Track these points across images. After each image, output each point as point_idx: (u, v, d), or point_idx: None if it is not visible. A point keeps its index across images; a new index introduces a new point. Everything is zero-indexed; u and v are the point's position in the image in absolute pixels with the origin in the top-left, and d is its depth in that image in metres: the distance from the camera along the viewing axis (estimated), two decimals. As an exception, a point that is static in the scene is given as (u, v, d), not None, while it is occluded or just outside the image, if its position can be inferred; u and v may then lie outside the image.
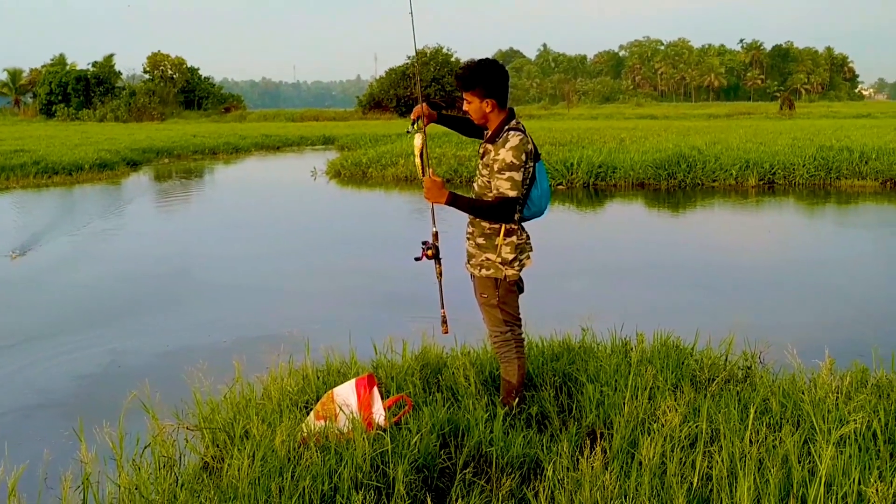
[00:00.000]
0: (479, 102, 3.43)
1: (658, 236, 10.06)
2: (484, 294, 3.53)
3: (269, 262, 8.60)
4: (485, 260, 3.49)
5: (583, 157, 15.77)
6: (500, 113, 3.44)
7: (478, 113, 3.47)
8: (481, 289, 3.54)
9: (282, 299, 6.97)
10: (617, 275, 7.74)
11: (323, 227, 11.03)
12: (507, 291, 3.51)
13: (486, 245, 3.48)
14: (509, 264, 3.45)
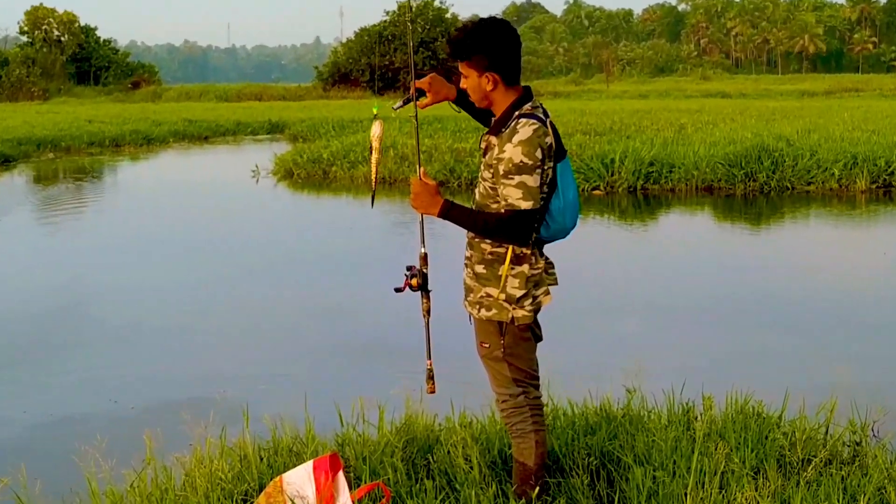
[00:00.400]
0: (478, 77, 3.46)
1: (731, 260, 10.15)
2: (485, 343, 3.55)
3: (193, 295, 8.63)
4: (485, 297, 3.51)
5: (628, 150, 15.94)
6: (509, 92, 3.46)
7: (477, 92, 3.49)
8: (482, 336, 3.56)
9: (211, 347, 6.99)
10: (674, 313, 7.80)
11: (268, 248, 11.09)
12: (516, 339, 3.52)
13: (486, 275, 3.50)
14: (518, 303, 3.47)
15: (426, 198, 3.45)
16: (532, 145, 3.30)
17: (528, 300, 3.48)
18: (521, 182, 3.30)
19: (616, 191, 15.24)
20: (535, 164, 3.30)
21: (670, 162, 15.81)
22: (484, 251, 3.49)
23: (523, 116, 3.38)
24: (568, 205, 3.46)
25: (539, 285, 3.52)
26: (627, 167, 15.41)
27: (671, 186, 15.39)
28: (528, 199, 3.31)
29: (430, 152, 18.06)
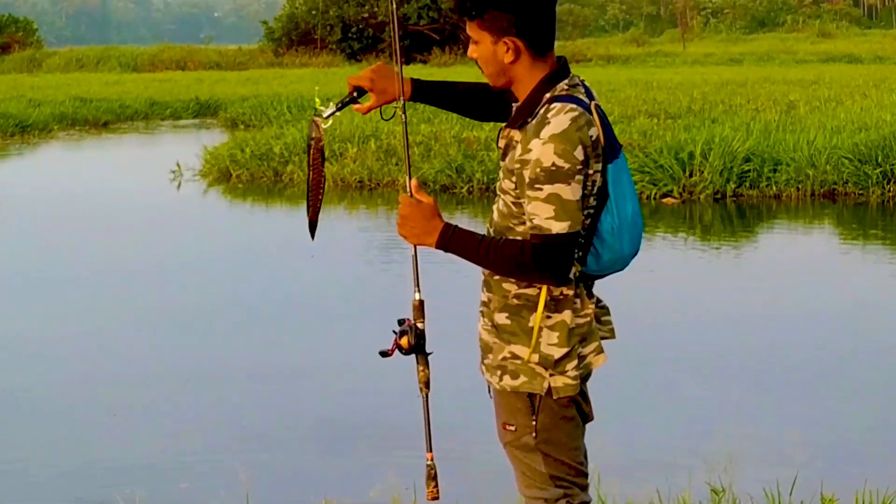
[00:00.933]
0: (493, 44, 3.50)
1: (862, 298, 10.18)
2: (510, 425, 3.57)
3: (87, 352, 8.66)
4: (510, 358, 3.53)
5: (713, 140, 16.02)
6: (537, 66, 3.49)
7: (492, 65, 3.52)
8: (506, 415, 3.58)
9: (113, 428, 7.00)
10: (777, 376, 7.83)
11: (195, 285, 11.12)
12: (555, 419, 3.54)
13: (510, 328, 3.52)
14: (557, 367, 3.49)
15: (419, 222, 3.49)
16: (569, 141, 3.33)
17: (572, 362, 3.50)
18: (553, 194, 3.33)
19: (696, 198, 15.31)
20: (575, 168, 3.32)
21: (774, 157, 15.90)
22: (507, 293, 3.51)
23: (558, 100, 3.41)
24: (625, 223, 3.49)
25: (587, 340, 3.54)
26: (713, 164, 15.48)
27: (775, 192, 15.47)
28: (563, 217, 3.33)
29: (427, 144, 18.16)
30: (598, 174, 3.41)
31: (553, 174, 3.31)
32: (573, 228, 3.33)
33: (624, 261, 3.53)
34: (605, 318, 3.66)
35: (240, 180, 18.25)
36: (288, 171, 18.07)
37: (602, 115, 3.46)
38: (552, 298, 3.45)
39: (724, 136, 16.25)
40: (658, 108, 22.50)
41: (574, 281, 3.46)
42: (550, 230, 3.32)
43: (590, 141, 3.36)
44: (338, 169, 17.49)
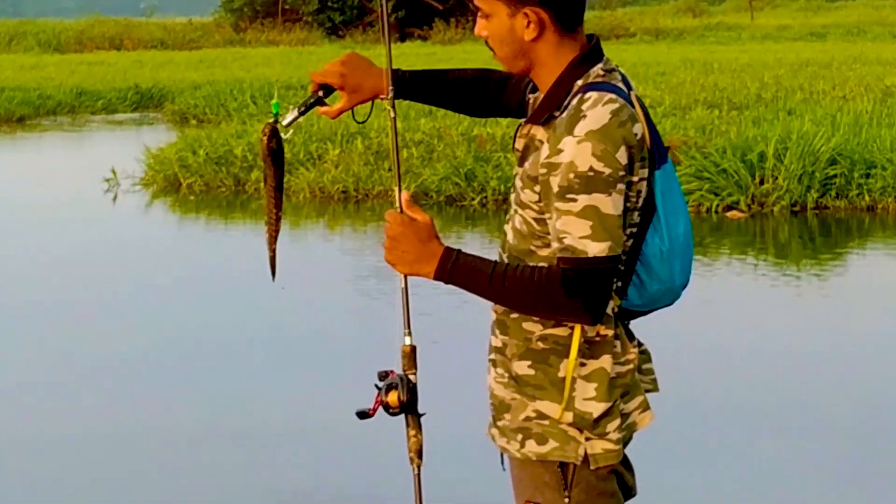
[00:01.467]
0: (510, 17, 3.47)
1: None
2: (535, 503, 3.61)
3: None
4: (534, 417, 3.55)
5: (789, 138, 16.04)
6: (564, 45, 3.48)
7: (508, 45, 3.48)
8: (528, 489, 3.59)
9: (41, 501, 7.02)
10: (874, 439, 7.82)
11: (136, 324, 11.13)
12: (591, 495, 3.55)
13: (534, 379, 3.53)
14: (596, 427, 3.53)
15: (412, 245, 3.47)
16: (611, 139, 3.31)
17: (614, 422, 3.51)
18: (590, 207, 3.30)
19: (768, 211, 15.35)
20: (617, 175, 3.30)
21: (867, 158, 15.90)
22: (530, 335, 3.51)
23: (593, 88, 3.40)
24: (676, 245, 3.49)
25: (631, 393, 3.55)
26: (789, 168, 15.51)
27: (868, 202, 15.48)
28: (602, 237, 3.30)
29: (429, 144, 18.16)
30: (643, 182, 3.40)
31: (591, 181, 3.28)
32: (614, 251, 3.30)
33: (674, 293, 3.54)
34: (647, 367, 3.67)
35: (192, 191, 18.27)
36: (252, 178, 18.00)
37: (644, 108, 3.46)
38: (586, 340, 3.44)
39: (804, 133, 16.25)
40: (720, 96, 22.52)
41: (613, 318, 3.45)
42: (586, 252, 3.29)
43: (634, 140, 3.34)
44: (316, 176, 17.45)
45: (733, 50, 39.82)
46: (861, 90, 22.87)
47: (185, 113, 28.29)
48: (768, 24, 58.07)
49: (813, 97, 22.20)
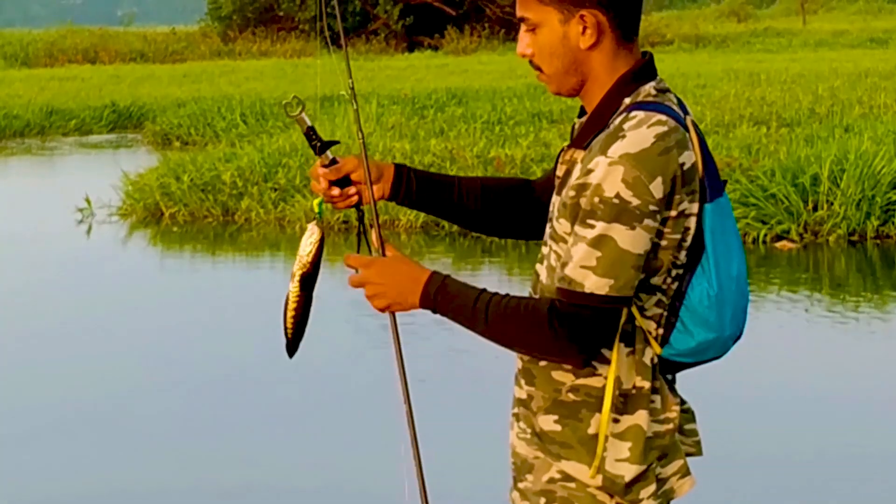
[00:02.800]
0: (562, 25, 3.44)
1: None
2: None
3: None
4: (559, 479, 3.56)
5: (846, 158, 16.05)
6: (621, 56, 3.49)
7: (559, 57, 3.43)
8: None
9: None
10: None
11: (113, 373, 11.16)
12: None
13: (561, 436, 3.53)
14: (626, 493, 3.52)
15: (390, 277, 3.56)
16: (647, 167, 3.30)
17: (649, 487, 3.52)
18: (605, 237, 3.29)
19: (823, 241, 15.36)
20: (646, 209, 3.29)
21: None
22: (560, 387, 3.51)
23: (642, 108, 3.41)
24: (728, 290, 3.47)
25: (669, 456, 3.56)
26: (847, 193, 15.52)
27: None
28: (607, 272, 3.30)
29: (440, 167, 18.16)
30: (691, 219, 3.38)
31: (614, 210, 3.27)
32: (619, 292, 3.29)
33: (723, 343, 3.51)
34: (690, 427, 3.67)
35: (175, 221, 18.32)
36: (243, 207, 18.10)
37: (700, 135, 3.44)
38: (622, 393, 3.44)
39: (863, 152, 16.26)
40: (768, 111, 22.54)
41: (650, 368, 3.46)
42: (583, 285, 3.29)
43: (680, 170, 3.32)
44: (307, 205, 17.42)
45: (783, 59, 39.91)
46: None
47: (168, 134, 28.37)
48: (822, 30, 58.22)
49: (873, 112, 22.22)
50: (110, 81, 40.84)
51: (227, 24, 60.54)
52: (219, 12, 61.84)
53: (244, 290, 14.52)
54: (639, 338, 3.43)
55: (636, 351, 3.44)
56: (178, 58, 55.44)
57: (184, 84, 38.30)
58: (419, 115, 24.34)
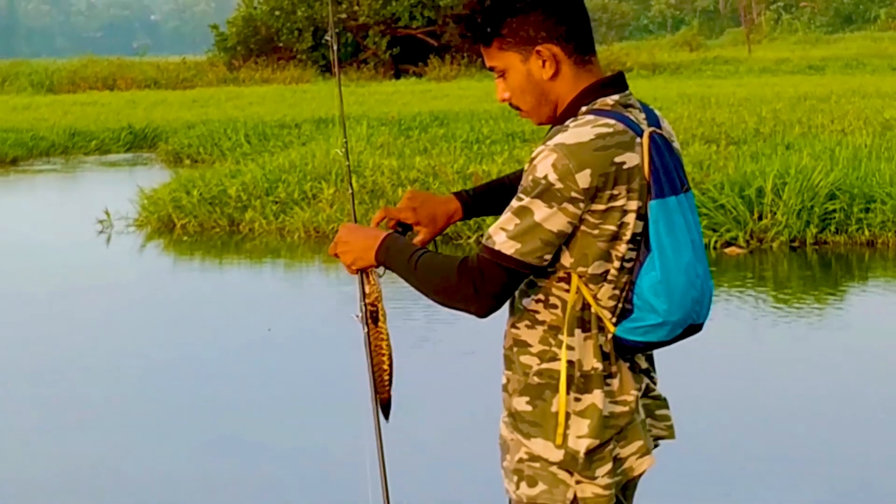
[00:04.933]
0: (524, 63, 3.52)
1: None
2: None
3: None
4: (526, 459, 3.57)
5: (787, 172, 16.08)
6: (582, 76, 3.54)
7: (530, 93, 3.53)
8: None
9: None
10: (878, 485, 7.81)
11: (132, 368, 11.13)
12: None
13: (531, 416, 3.56)
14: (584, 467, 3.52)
15: (358, 240, 3.65)
16: (579, 158, 3.35)
17: (605, 466, 3.53)
18: (525, 208, 3.38)
19: (767, 247, 15.38)
20: (567, 195, 3.35)
21: (866, 192, 15.92)
22: (528, 370, 3.55)
23: (594, 112, 3.46)
24: (675, 278, 3.46)
25: (628, 437, 3.57)
26: (788, 203, 15.54)
27: (868, 237, 15.50)
28: (517, 237, 3.37)
29: (424, 182, 18.19)
30: (631, 215, 3.42)
31: (539, 187, 3.36)
32: (523, 256, 3.36)
33: (671, 329, 3.50)
34: (662, 412, 3.70)
35: (186, 231, 18.29)
36: (247, 218, 18.10)
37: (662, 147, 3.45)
38: (582, 375, 3.47)
39: (803, 167, 16.28)
40: (717, 131, 22.58)
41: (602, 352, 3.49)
42: (494, 243, 3.38)
43: (613, 168, 3.36)
44: (311, 215, 17.49)
45: (731, 84, 39.94)
46: (860, 124, 22.94)
47: (179, 153, 28.31)
48: (766, 58, 58.25)
49: (811, 131, 22.27)
50: (127, 106, 40.70)
51: (233, 54, 60.39)
52: (225, 43, 61.70)
53: (247, 293, 14.54)
54: (594, 324, 3.47)
55: (592, 336, 3.47)
56: (188, 84, 55.24)
57: (193, 108, 38.20)
58: (405, 136, 24.36)
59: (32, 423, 9.50)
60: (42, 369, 11.12)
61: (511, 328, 3.59)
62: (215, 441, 8.98)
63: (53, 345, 12.01)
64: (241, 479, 8.12)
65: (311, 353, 11.30)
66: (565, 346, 3.45)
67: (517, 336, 3.56)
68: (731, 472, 7.89)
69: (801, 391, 9.74)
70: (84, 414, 9.69)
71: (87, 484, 8.15)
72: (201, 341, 12.10)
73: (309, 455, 8.47)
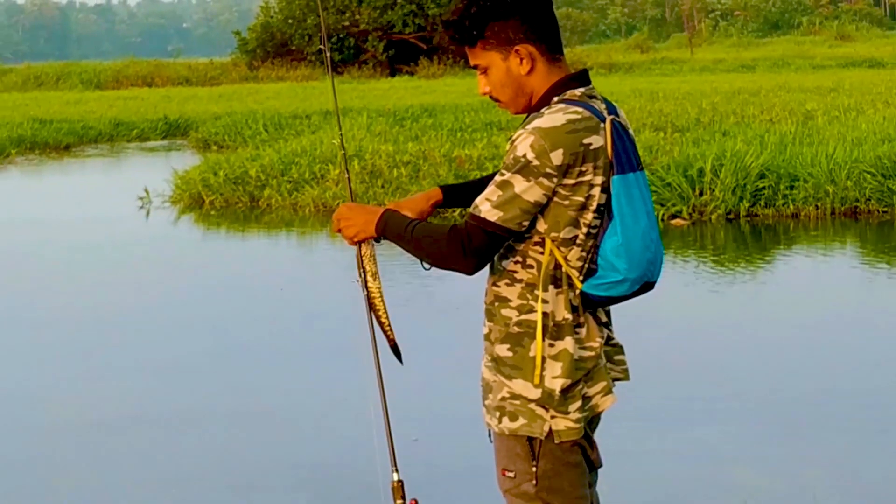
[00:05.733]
0: (504, 60, 3.57)
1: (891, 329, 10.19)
2: (509, 471, 3.60)
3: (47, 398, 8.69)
4: (508, 397, 3.57)
5: (724, 155, 16.07)
6: (553, 72, 3.58)
7: (509, 86, 3.58)
8: (504, 460, 3.62)
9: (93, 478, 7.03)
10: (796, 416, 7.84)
11: (168, 323, 11.13)
12: (556, 466, 3.57)
13: (512, 360, 3.56)
14: (559, 404, 3.53)
15: (358, 215, 3.68)
16: (552, 139, 3.40)
17: (576, 403, 3.54)
18: (506, 182, 3.43)
19: (707, 219, 15.36)
20: (542, 170, 3.40)
21: (791, 172, 15.95)
22: (508, 321, 3.56)
23: (564, 102, 3.51)
24: (633, 242, 3.48)
25: (594, 379, 3.59)
26: (724, 182, 15.55)
27: (793, 210, 15.53)
28: (501, 207, 3.42)
29: (415, 164, 18.20)
30: (597, 188, 3.46)
31: (518, 164, 3.41)
32: (504, 223, 3.41)
33: (630, 285, 3.52)
34: (619, 358, 3.72)
35: (213, 207, 18.27)
36: (265, 195, 18.10)
37: (622, 131, 3.50)
38: (555, 324, 3.50)
39: (737, 151, 16.29)
40: (664, 120, 22.58)
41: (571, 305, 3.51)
42: (480, 211, 3.43)
43: (581, 148, 3.41)
44: (319, 192, 17.53)
45: (675, 81, 39.94)
46: (785, 114, 22.96)
47: (207, 140, 28.24)
48: (705, 58, 58.24)
49: (744, 121, 22.28)
50: (163, 100, 40.63)
51: (253, 56, 60.28)
52: (246, 47, 61.58)
53: (266, 259, 14.55)
54: (565, 281, 3.50)
55: (563, 291, 3.50)
56: (215, 82, 55.10)
57: (219, 102, 38.12)
58: (399, 125, 24.34)
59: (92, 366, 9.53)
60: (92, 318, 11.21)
61: (492, 286, 3.60)
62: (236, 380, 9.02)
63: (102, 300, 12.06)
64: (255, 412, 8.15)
65: (316, 309, 11.32)
66: (540, 300, 3.48)
67: (498, 293, 3.57)
68: (677, 408, 7.90)
69: (737, 340, 9.75)
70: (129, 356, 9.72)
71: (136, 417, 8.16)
72: (225, 298, 12.14)
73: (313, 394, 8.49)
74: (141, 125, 32.75)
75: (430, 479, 6.06)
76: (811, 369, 8.86)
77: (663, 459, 7.01)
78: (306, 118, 28.42)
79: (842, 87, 30.50)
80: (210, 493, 6.81)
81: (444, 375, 8.24)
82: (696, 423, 7.66)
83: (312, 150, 19.88)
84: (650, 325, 9.36)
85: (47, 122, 32.07)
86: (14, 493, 6.89)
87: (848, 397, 8.12)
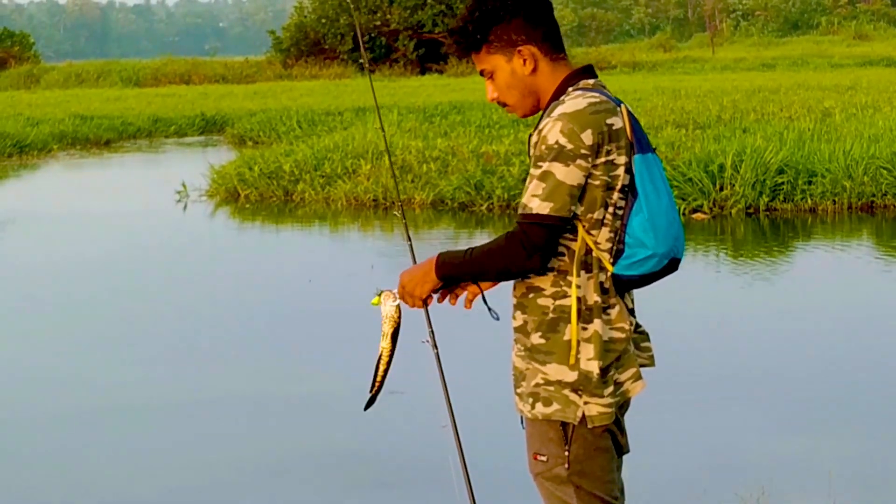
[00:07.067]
0: (508, 62, 3.61)
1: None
2: (541, 455, 3.60)
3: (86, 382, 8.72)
4: (542, 384, 3.57)
5: (744, 152, 16.03)
6: (558, 68, 3.62)
7: (515, 88, 3.62)
8: (536, 444, 3.62)
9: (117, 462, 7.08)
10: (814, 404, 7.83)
11: (204, 311, 11.18)
12: (588, 450, 3.58)
13: (546, 347, 3.56)
14: (595, 387, 3.53)
15: (416, 274, 3.63)
16: (579, 121, 3.43)
17: (608, 388, 3.55)
18: (547, 172, 3.43)
19: (727, 213, 15.33)
20: (578, 151, 3.42)
21: (809, 168, 15.90)
22: (546, 309, 3.56)
23: (580, 90, 3.55)
24: (659, 218, 3.50)
25: (624, 365, 3.59)
26: (744, 177, 15.50)
27: (811, 205, 15.48)
28: (549, 198, 3.41)
29: (444, 160, 18.18)
30: (620, 168, 3.48)
31: (553, 152, 3.41)
32: (557, 212, 3.41)
33: (659, 260, 3.52)
34: (645, 345, 3.71)
35: (248, 200, 18.33)
36: (298, 189, 18.11)
37: (632, 116, 3.54)
38: (587, 308, 3.50)
39: (756, 147, 16.25)
40: (686, 117, 22.51)
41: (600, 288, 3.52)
42: (531, 209, 3.41)
43: (606, 128, 3.44)
44: (351, 187, 17.55)
45: (697, 79, 39.78)
46: (804, 112, 22.85)
47: (243, 136, 28.34)
48: (727, 57, 57.94)
49: (763, 118, 22.20)
50: (200, 98, 40.70)
51: (287, 55, 60.30)
52: (280, 46, 61.62)
53: (299, 250, 14.60)
54: (595, 266, 3.51)
55: (594, 276, 3.51)
56: (251, 80, 55.14)
57: (255, 99, 38.20)
58: (429, 121, 24.34)
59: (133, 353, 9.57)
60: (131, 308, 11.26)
61: (523, 279, 3.59)
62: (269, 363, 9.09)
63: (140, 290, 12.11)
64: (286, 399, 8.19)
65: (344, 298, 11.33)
66: (574, 285, 3.48)
67: (530, 283, 3.56)
68: (700, 393, 7.93)
69: (756, 331, 9.75)
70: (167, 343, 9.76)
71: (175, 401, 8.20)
72: (259, 287, 12.20)
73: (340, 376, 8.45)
74: (178, 121, 32.87)
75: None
76: (829, 359, 8.85)
77: (683, 446, 7.03)
78: (339, 115, 28.45)
79: (859, 86, 30.33)
80: (241, 476, 6.83)
81: (472, 364, 8.26)
82: (715, 411, 7.66)
83: (345, 145, 19.89)
84: (672, 316, 9.36)
85: (88, 119, 32.18)
86: (46, 477, 6.93)
87: (865, 387, 8.11)
